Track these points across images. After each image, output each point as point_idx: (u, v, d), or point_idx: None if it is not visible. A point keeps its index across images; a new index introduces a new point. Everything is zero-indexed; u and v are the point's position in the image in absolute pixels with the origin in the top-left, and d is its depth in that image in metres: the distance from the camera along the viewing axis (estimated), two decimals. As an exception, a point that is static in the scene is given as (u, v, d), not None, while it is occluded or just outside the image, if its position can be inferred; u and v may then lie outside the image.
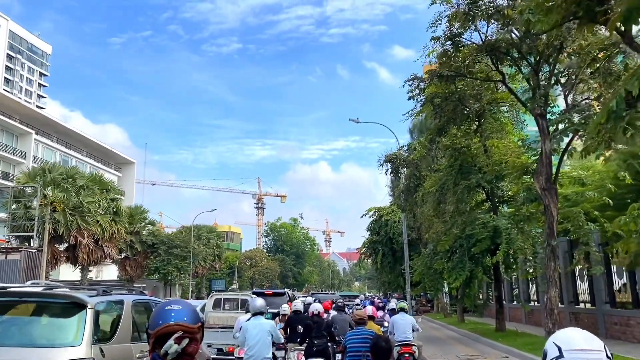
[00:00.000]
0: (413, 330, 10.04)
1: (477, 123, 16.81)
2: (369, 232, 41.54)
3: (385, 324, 13.31)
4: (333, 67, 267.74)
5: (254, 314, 8.24)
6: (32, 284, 6.77)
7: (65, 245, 38.80)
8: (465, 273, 15.61)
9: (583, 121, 11.33)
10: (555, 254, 12.39)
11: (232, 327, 10.91)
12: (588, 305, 16.28)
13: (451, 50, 13.77)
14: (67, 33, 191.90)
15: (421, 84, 14.73)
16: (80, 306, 5.29)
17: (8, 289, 5.78)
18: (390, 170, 23.33)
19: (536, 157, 12.92)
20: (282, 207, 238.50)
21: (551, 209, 12.18)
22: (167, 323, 2.19)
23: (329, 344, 9.27)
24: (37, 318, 5.56)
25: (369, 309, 10.07)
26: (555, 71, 12.43)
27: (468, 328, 19.50)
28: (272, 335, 7.93)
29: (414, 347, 9.70)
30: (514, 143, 16.32)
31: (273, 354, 8.56)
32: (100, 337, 5.39)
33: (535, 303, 20.75)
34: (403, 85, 14.76)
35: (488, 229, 15.53)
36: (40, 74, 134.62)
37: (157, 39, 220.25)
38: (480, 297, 19.87)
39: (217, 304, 16.03)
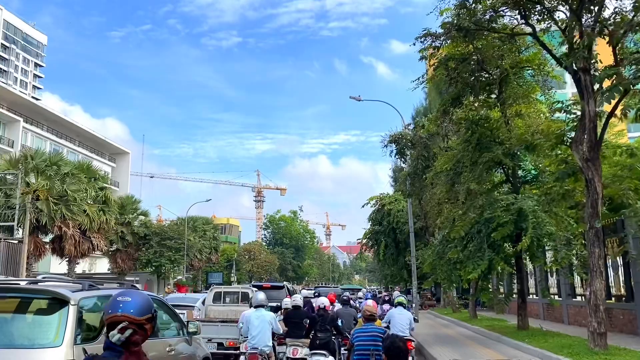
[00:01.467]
0: (410, 326, 9.75)
1: (498, 91, 14.58)
2: (370, 222, 39.36)
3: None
4: (332, 61, 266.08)
5: (256, 307, 8.82)
6: (44, 277, 6.12)
7: (51, 236, 36.80)
8: (484, 263, 13.46)
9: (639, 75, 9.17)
10: (600, 239, 10.28)
11: (232, 321, 11.11)
12: (623, 300, 14.22)
13: (471, 1, 11.60)
14: (67, 27, 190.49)
15: (436, 42, 12.51)
16: (62, 302, 4.80)
17: None
18: (395, 152, 21.19)
19: (574, 124, 10.75)
20: (282, 200, 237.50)
21: (595, 184, 10.04)
22: (115, 313, 2.43)
23: (333, 338, 9.42)
24: (17, 315, 5.03)
25: (369, 303, 9.41)
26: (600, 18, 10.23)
27: (484, 325, 17.39)
28: (272, 326, 8.53)
29: (413, 343, 9.71)
30: (544, 108, 14.18)
31: (274, 346, 9.14)
32: (85, 336, 4.86)
33: (556, 297, 18.66)
34: (414, 43, 12.55)
35: (511, 211, 13.37)
36: (36, 65, 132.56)
37: (157, 32, 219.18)
38: (501, 290, 17.72)
39: (217, 297, 15.88)
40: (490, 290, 15.37)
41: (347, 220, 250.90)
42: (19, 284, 5.58)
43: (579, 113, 10.72)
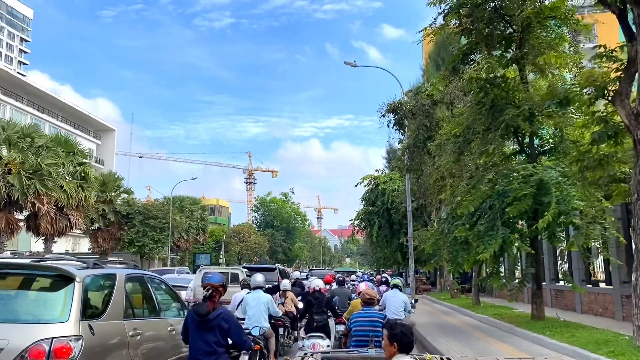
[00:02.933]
0: (405, 310, 9.52)
1: (517, 45, 12.51)
2: (363, 203, 37.44)
3: None
4: (326, 45, 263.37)
5: (254, 288, 9.01)
6: (52, 256, 6.44)
7: (27, 213, 34.75)
8: (497, 242, 11.57)
9: None
10: (649, 213, 8.38)
11: (222, 302, 10.35)
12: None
13: None
14: (57, 5, 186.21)
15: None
16: (67, 279, 4.92)
17: None
18: (393, 122, 19.15)
19: (619, 73, 8.79)
20: (274, 183, 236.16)
21: (646, 145, 8.13)
22: (205, 282, 5.08)
23: (329, 319, 9.55)
24: (22, 292, 5.17)
25: (362, 286, 10.03)
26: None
27: (490, 314, 15.59)
28: (269, 309, 8.67)
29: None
30: (574, 58, 12.18)
31: (274, 327, 9.43)
32: (90, 313, 4.98)
33: (565, 283, 16.93)
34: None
35: (530, 183, 11.46)
36: (22, 39, 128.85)
37: (149, 12, 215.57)
38: (515, 274, 15.85)
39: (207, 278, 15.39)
40: (502, 274, 13.47)
41: (338, 205, 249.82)
42: (25, 261, 5.63)
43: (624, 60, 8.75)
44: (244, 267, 18.65)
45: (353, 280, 20.04)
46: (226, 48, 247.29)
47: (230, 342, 5.08)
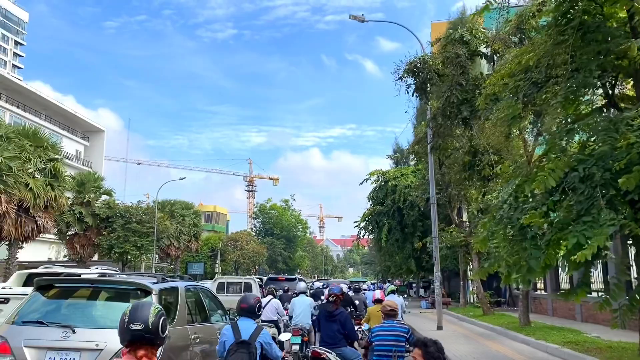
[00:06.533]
0: (401, 309, 10.71)
1: None
2: (370, 202, 32.63)
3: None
4: (328, 55, 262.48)
5: (299, 293, 11.23)
6: (96, 268, 7.99)
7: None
8: (604, 231, 7.04)
9: None
10: None
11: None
12: None
13: None
14: (61, 16, 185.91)
15: None
16: (146, 292, 5.85)
17: (82, 276, 6.65)
18: (413, 87, 14.61)
19: None
20: (274, 192, 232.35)
21: None
22: (331, 292, 7.77)
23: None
24: (113, 303, 6.00)
25: (377, 293, 10.68)
26: None
27: (561, 342, 10.87)
28: (311, 309, 10.74)
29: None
30: None
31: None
32: None
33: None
34: None
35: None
36: (16, 43, 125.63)
37: (152, 23, 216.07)
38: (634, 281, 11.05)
39: (220, 287, 18.18)
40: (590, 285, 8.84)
41: (339, 214, 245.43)
42: (114, 276, 7.06)
43: None
44: (269, 278, 22.57)
45: (365, 289, 19.81)
46: (228, 58, 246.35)
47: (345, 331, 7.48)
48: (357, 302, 13.95)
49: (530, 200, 8.78)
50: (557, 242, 8.22)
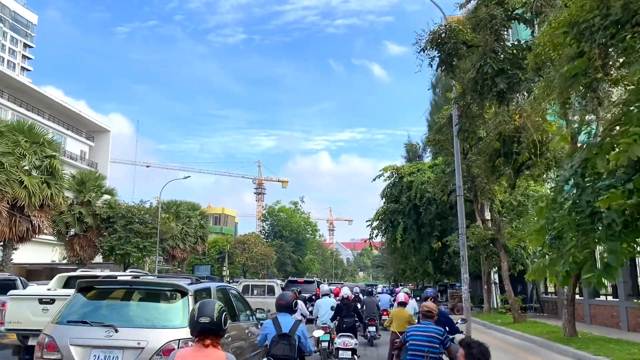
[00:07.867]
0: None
1: None
2: (384, 200, 30.48)
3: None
4: (337, 59, 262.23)
5: (323, 295, 12.18)
6: (131, 271, 7.87)
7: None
8: None
9: None
10: None
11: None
12: None
13: None
14: (73, 22, 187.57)
15: None
16: (182, 293, 6.13)
17: (119, 278, 7.56)
18: (438, 60, 12.63)
19: None
20: (284, 195, 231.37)
21: None
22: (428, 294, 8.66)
23: (356, 322, 11.75)
24: (152, 303, 6.35)
25: (401, 296, 10.36)
26: None
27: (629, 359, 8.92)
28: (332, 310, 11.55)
29: None
30: None
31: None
32: None
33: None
34: None
35: None
36: (25, 45, 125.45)
37: (163, 29, 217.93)
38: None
39: (245, 290, 19.64)
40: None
41: (349, 218, 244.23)
42: (150, 279, 7.77)
43: None
44: (289, 280, 24.65)
45: (379, 292, 20.22)
46: (238, 63, 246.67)
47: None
48: (363, 307, 14.82)
49: (605, 177, 6.78)
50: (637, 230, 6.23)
